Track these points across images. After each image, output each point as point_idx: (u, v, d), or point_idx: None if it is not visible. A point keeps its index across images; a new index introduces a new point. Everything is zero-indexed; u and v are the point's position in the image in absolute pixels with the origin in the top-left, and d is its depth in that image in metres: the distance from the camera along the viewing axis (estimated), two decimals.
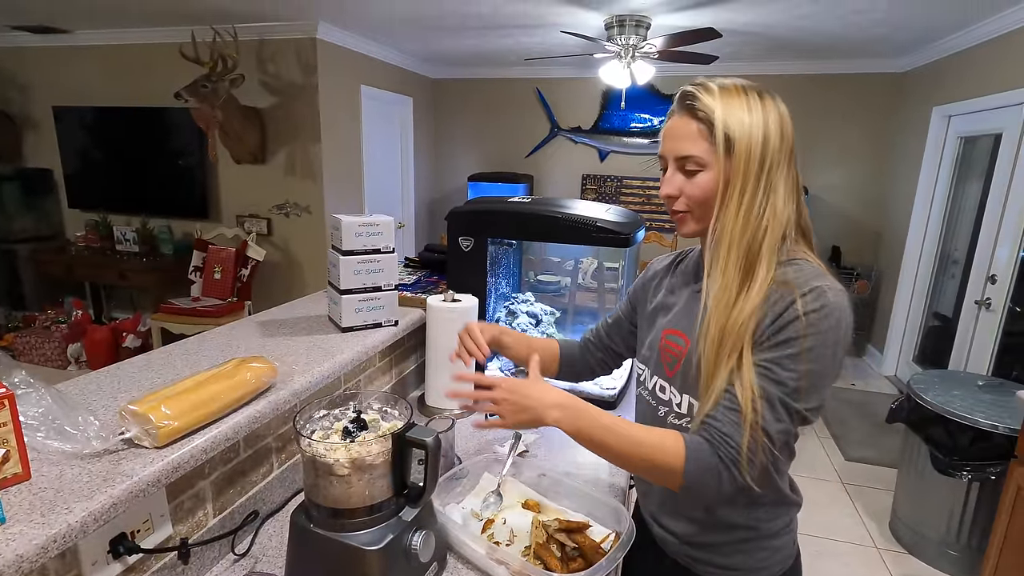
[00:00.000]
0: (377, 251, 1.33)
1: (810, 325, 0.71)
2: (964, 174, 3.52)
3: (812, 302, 0.72)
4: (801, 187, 0.81)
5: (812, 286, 0.73)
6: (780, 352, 0.73)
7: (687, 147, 0.79)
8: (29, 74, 4.35)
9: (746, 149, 0.75)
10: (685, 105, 0.79)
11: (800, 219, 0.81)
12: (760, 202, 0.76)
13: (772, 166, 0.76)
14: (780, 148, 0.76)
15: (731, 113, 0.76)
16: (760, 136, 0.75)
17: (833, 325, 0.72)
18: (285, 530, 0.97)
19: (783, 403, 0.72)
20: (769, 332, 0.74)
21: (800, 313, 0.72)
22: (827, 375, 0.74)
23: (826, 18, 3.10)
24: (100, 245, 4.27)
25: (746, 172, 0.75)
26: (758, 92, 0.78)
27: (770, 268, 0.75)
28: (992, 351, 2.85)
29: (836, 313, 0.72)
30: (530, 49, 4.16)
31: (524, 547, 0.93)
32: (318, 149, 3.80)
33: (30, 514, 0.65)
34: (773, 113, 0.77)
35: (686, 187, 0.80)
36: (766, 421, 0.72)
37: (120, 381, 0.99)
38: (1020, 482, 1.71)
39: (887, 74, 4.23)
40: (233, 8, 3.23)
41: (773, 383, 0.73)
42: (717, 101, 0.76)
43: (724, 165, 0.77)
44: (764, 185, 0.76)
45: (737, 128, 0.75)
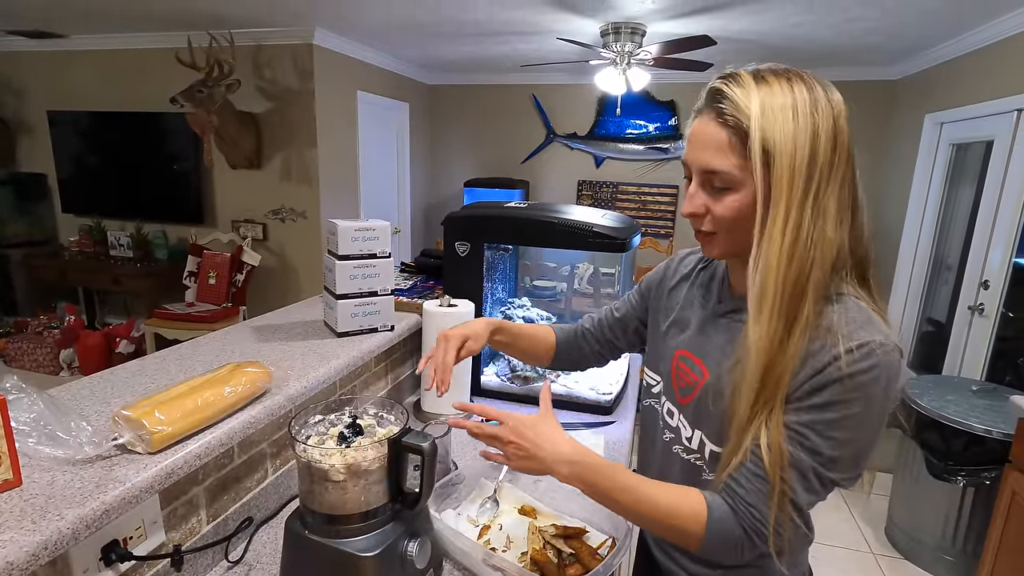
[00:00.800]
0: (373, 256, 1.33)
1: (855, 388, 0.60)
2: (956, 180, 3.55)
3: (860, 361, 0.60)
4: (860, 203, 0.66)
5: (861, 341, 0.61)
6: (817, 416, 0.62)
7: (714, 160, 0.65)
8: (24, 78, 4.33)
9: (790, 164, 0.61)
10: (714, 108, 0.65)
11: (856, 245, 0.66)
12: (807, 229, 0.61)
13: (823, 182, 0.62)
14: (834, 157, 0.62)
15: (771, 118, 0.61)
16: (807, 145, 0.61)
17: (882, 389, 0.61)
18: (279, 537, 0.96)
19: (816, 474, 0.63)
20: (806, 389, 0.63)
21: (845, 374, 0.60)
22: (871, 444, 0.63)
23: (819, 26, 3.13)
24: (94, 250, 4.25)
25: (790, 192, 0.61)
26: (805, 82, 0.63)
27: (815, 306, 0.63)
28: (985, 356, 2.86)
29: (887, 374, 0.61)
30: (526, 56, 4.18)
31: (521, 553, 0.92)
32: (314, 154, 3.80)
33: (21, 520, 0.64)
34: (826, 111, 0.62)
35: (714, 206, 0.67)
36: (796, 493, 0.63)
37: (113, 386, 0.98)
38: (1015, 487, 1.72)
39: (880, 81, 4.27)
40: (230, 14, 3.23)
41: (807, 451, 0.63)
42: (753, 101, 0.62)
43: (763, 183, 0.62)
44: (813, 207, 0.61)
45: (779, 138, 0.61)
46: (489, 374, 1.66)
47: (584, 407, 1.54)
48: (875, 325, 0.63)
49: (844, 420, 0.61)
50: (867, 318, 0.63)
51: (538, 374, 1.60)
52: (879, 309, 0.66)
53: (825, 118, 0.62)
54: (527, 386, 1.59)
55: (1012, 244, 2.75)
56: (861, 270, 0.68)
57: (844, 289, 0.66)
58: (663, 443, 0.83)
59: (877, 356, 0.60)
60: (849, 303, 0.65)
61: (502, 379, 1.62)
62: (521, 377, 1.60)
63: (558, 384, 1.61)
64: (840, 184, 0.63)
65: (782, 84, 0.63)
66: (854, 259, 0.67)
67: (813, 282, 0.62)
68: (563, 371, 1.47)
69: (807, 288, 0.62)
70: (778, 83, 0.63)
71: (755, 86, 0.63)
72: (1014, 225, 2.74)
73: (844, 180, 0.64)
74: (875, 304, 0.66)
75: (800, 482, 0.63)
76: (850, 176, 0.65)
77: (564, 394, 1.57)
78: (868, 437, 0.63)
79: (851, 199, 0.65)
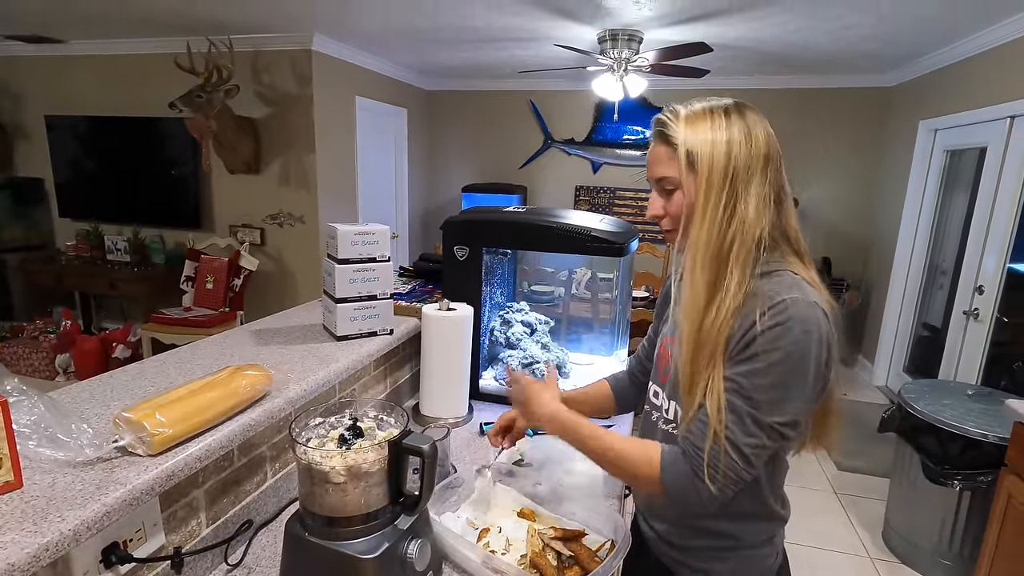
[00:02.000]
0: (373, 260, 1.33)
1: (774, 339, 0.72)
2: (951, 186, 3.58)
3: (775, 316, 0.73)
4: (785, 195, 0.82)
5: (777, 300, 0.73)
6: (747, 366, 0.74)
7: (661, 169, 0.83)
8: (22, 83, 4.33)
9: (708, 163, 0.77)
10: (657, 133, 0.84)
11: (784, 228, 0.82)
12: (725, 211, 0.77)
13: (738, 176, 0.77)
14: (748, 158, 0.77)
15: (694, 134, 0.79)
16: (723, 150, 0.77)
17: (797, 339, 0.72)
18: (279, 540, 0.96)
19: (752, 417, 0.73)
20: (739, 347, 0.75)
21: (765, 327, 0.73)
22: (796, 389, 0.73)
23: (815, 33, 3.16)
24: (91, 255, 4.24)
25: (708, 184, 0.77)
26: (726, 110, 0.80)
27: (743, 279, 0.76)
28: (981, 361, 2.88)
29: (800, 326, 0.72)
30: (524, 62, 4.21)
31: (520, 556, 0.92)
32: (312, 159, 3.81)
33: (22, 522, 0.64)
34: (739, 127, 0.79)
35: (668, 207, 0.84)
36: (733, 433, 0.74)
37: (113, 389, 0.98)
38: (1010, 490, 1.72)
39: (875, 88, 4.31)
40: (229, 19, 3.24)
41: (739, 396, 0.74)
42: (682, 125, 0.80)
43: (689, 181, 0.80)
44: (728, 195, 0.77)
45: (700, 146, 0.78)
46: (487, 378, 1.66)
47: None
48: (798, 288, 0.75)
49: (769, 368, 0.73)
50: (793, 283, 0.76)
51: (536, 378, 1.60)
52: (813, 281, 0.79)
53: (739, 131, 0.78)
54: None
55: (1006, 250, 2.78)
56: (795, 249, 0.82)
57: (781, 266, 0.79)
58: (651, 424, 0.95)
59: (790, 311, 0.72)
60: (784, 276, 0.78)
61: (500, 383, 1.63)
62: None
63: None
64: (760, 182, 0.78)
65: (706, 113, 0.80)
66: (787, 241, 0.82)
67: (735, 255, 0.76)
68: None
69: (728, 260, 0.77)
70: (703, 112, 0.80)
71: (684, 116, 0.81)
72: (1008, 231, 2.76)
73: (764, 176, 0.78)
74: (811, 278, 0.79)
75: (737, 424, 0.74)
76: (772, 176, 0.79)
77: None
78: (792, 383, 0.73)
79: (774, 193, 0.79)
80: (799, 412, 0.75)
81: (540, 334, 1.72)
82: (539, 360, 1.63)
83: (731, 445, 0.74)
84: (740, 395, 0.74)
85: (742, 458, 0.74)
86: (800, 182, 4.55)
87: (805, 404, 0.75)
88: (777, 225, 0.80)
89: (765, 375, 0.73)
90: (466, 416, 1.49)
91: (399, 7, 2.93)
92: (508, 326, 1.70)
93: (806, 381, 0.74)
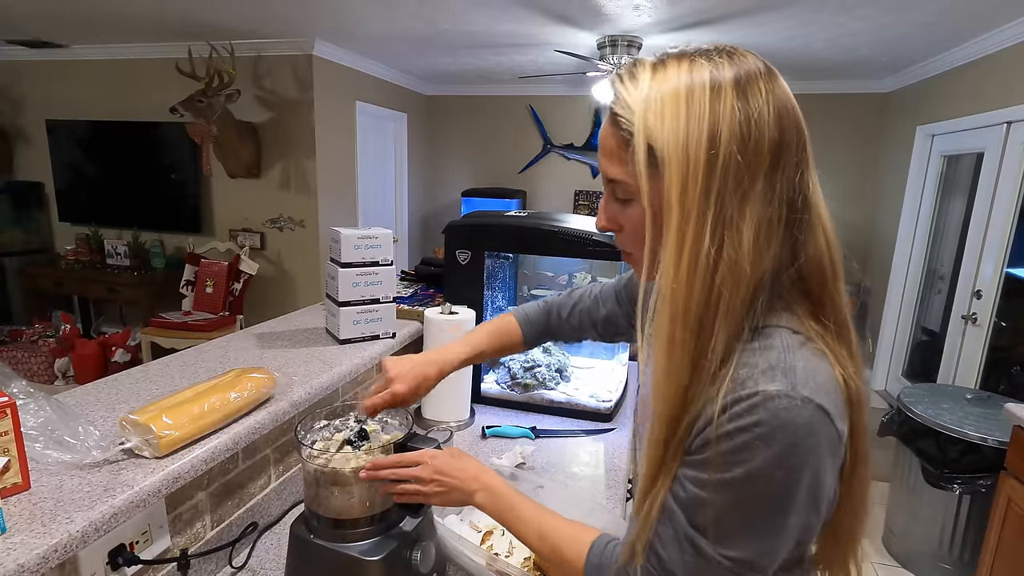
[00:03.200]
0: (376, 263, 1.34)
1: (731, 452, 0.47)
2: (948, 191, 3.60)
3: (739, 418, 0.47)
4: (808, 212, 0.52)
5: (744, 392, 0.48)
6: (695, 471, 0.51)
7: (610, 168, 0.56)
8: (22, 87, 4.34)
9: (681, 165, 0.48)
10: (609, 105, 0.55)
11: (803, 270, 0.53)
12: (712, 246, 0.48)
13: (729, 189, 0.48)
14: (750, 156, 0.48)
15: (658, 107, 0.49)
16: (704, 140, 0.48)
17: (775, 459, 0.46)
18: (283, 542, 0.96)
19: (688, 538, 0.51)
20: (695, 438, 0.51)
21: (722, 432, 0.48)
22: (764, 522, 0.49)
23: (814, 40, 3.18)
24: (90, 259, 4.24)
25: (683, 202, 0.48)
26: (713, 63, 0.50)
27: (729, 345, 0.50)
28: (979, 365, 2.89)
29: (781, 440, 0.46)
30: (523, 67, 4.23)
31: (524, 558, 0.93)
32: (313, 164, 3.82)
33: (31, 524, 0.65)
34: (732, 96, 0.48)
35: (622, 219, 0.58)
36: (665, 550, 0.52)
37: (119, 392, 0.99)
38: (1010, 494, 1.73)
39: (873, 94, 4.33)
40: (230, 25, 3.26)
41: (680, 505, 0.52)
42: (642, 89, 0.51)
43: (651, 193, 0.51)
44: (715, 220, 0.48)
45: (667, 132, 0.49)
46: (489, 382, 1.67)
47: (584, 414, 1.55)
48: (786, 370, 0.48)
49: (720, 487, 0.48)
50: (779, 361, 0.49)
51: (538, 381, 1.61)
52: (828, 348, 0.51)
53: (730, 112, 0.48)
54: (527, 393, 1.60)
55: (1003, 254, 2.79)
56: (819, 301, 0.53)
57: (775, 320, 0.52)
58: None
59: (763, 413, 0.46)
60: (774, 340, 0.51)
61: (502, 386, 1.63)
62: (521, 384, 1.61)
63: (558, 391, 1.62)
64: (765, 191, 0.49)
65: (680, 68, 0.50)
66: (805, 296, 0.53)
67: (723, 312, 0.49)
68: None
69: (715, 322, 0.49)
70: (676, 67, 0.50)
71: (649, 76, 0.51)
72: (1005, 236, 2.78)
73: (772, 186, 0.50)
74: (825, 341, 0.52)
75: (671, 541, 0.52)
76: (787, 181, 0.50)
77: (564, 401, 1.58)
78: (763, 514, 0.49)
79: (784, 211, 0.50)
80: (763, 554, 0.50)
81: None
82: (540, 364, 1.63)
83: (659, 564, 0.52)
84: (681, 504, 0.51)
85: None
86: None
87: (780, 545, 0.50)
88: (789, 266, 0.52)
89: (716, 492, 0.49)
90: (468, 419, 1.50)
91: (400, 13, 2.95)
92: None
93: (784, 514, 0.48)
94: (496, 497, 0.73)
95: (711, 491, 0.49)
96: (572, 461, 1.33)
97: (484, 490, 0.73)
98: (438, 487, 0.75)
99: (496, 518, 0.73)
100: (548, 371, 1.63)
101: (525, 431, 1.43)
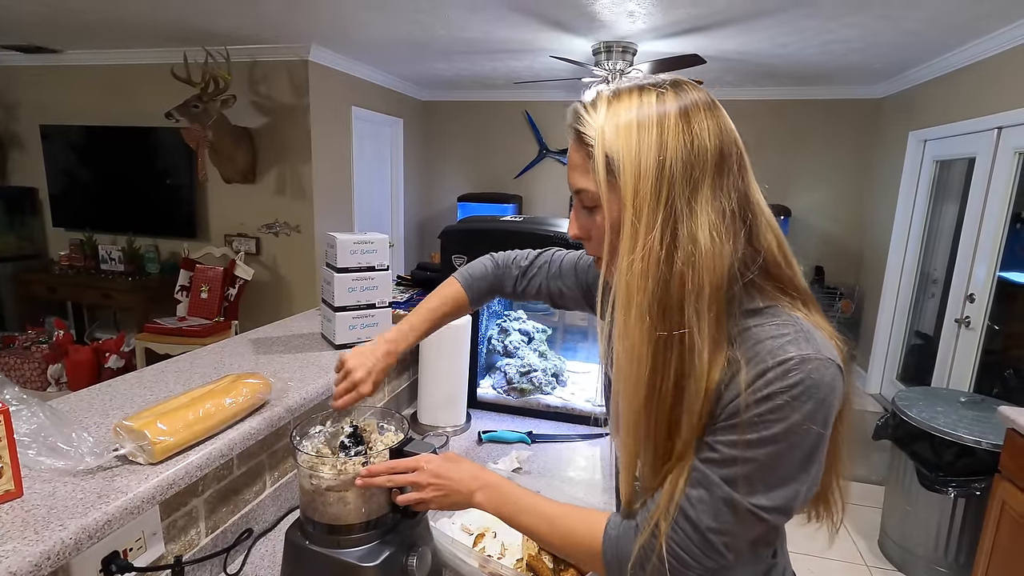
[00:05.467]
0: (372, 268, 1.34)
1: (774, 409, 0.54)
2: (941, 196, 3.62)
3: (783, 379, 0.54)
4: (755, 213, 0.61)
5: (785, 356, 0.55)
6: (729, 436, 0.57)
7: (579, 180, 0.64)
8: (16, 92, 4.33)
9: (633, 170, 0.57)
10: (573, 127, 0.64)
11: (764, 260, 0.61)
12: (663, 241, 0.56)
13: (677, 191, 0.56)
14: (691, 166, 0.57)
15: (614, 126, 0.59)
16: (652, 150, 0.57)
17: (810, 412, 0.54)
18: (278, 549, 0.96)
19: (725, 498, 0.56)
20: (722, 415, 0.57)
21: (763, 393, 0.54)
22: (794, 470, 0.56)
23: (806, 47, 3.21)
24: (84, 264, 4.22)
25: (635, 202, 0.57)
26: (659, 93, 0.59)
27: (719, 332, 0.57)
28: (973, 368, 2.91)
29: (816, 396, 0.54)
30: (519, 73, 4.25)
31: (516, 560, 0.93)
32: (309, 169, 3.82)
33: (23, 531, 0.64)
34: (675, 117, 0.58)
35: (590, 227, 0.66)
36: (697, 513, 0.57)
37: (112, 398, 0.98)
38: (1004, 497, 1.74)
39: (866, 100, 4.37)
40: (226, 30, 3.26)
41: (714, 467, 0.57)
42: (600, 117, 0.60)
43: (609, 198, 0.60)
44: (665, 219, 0.56)
45: (621, 144, 0.58)
46: (485, 387, 1.67)
47: (579, 419, 1.55)
48: (809, 339, 0.56)
49: (762, 441, 0.55)
50: (800, 331, 0.57)
51: (534, 386, 1.61)
52: (821, 325, 0.60)
53: (673, 131, 0.57)
54: (523, 398, 1.60)
55: (996, 258, 2.81)
56: (775, 279, 0.62)
57: (765, 302, 0.60)
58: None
59: (803, 373, 0.54)
60: (781, 315, 0.59)
61: (498, 391, 1.63)
62: (517, 389, 1.61)
63: (554, 396, 1.62)
64: (713, 193, 0.57)
65: (632, 99, 0.60)
66: (765, 268, 0.61)
67: (691, 300, 0.56)
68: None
69: (682, 307, 0.56)
70: (629, 99, 0.60)
71: (607, 105, 0.61)
72: (997, 240, 2.80)
73: (720, 189, 0.58)
74: (806, 312, 0.60)
75: (703, 503, 0.57)
76: (731, 185, 0.58)
77: (560, 406, 1.58)
78: (795, 462, 0.56)
79: (736, 209, 0.58)
80: (791, 499, 0.57)
81: (537, 342, 1.72)
82: (536, 368, 1.63)
83: (692, 528, 0.57)
84: (716, 465, 0.57)
85: (705, 545, 0.57)
86: (793, 192, 4.60)
87: (804, 489, 0.58)
88: (749, 254, 0.60)
89: (759, 447, 0.55)
90: (464, 424, 1.50)
91: (396, 19, 2.96)
92: (506, 335, 1.71)
93: (812, 462, 0.57)
94: (497, 493, 0.73)
95: (745, 449, 0.55)
96: (568, 466, 1.33)
97: (483, 488, 0.74)
98: (436, 491, 0.75)
99: (499, 515, 0.73)
100: (544, 376, 1.63)
101: (521, 436, 1.43)
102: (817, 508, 0.69)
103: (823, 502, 0.68)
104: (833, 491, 0.68)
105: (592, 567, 0.66)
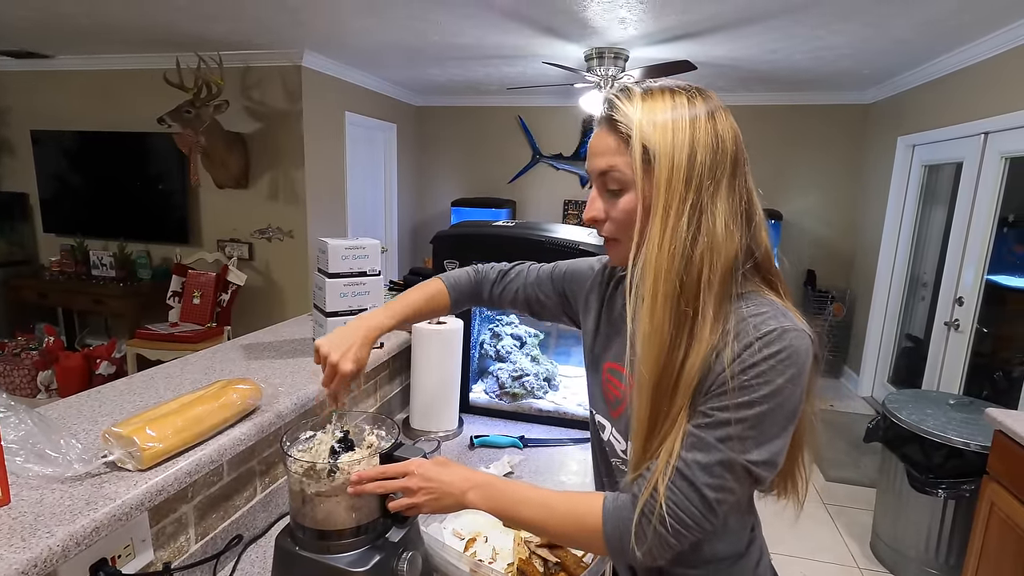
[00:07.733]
0: (363, 274, 1.34)
1: (762, 373, 0.61)
2: (929, 200, 3.66)
3: (769, 345, 0.62)
4: (755, 211, 0.69)
5: (768, 328, 0.62)
6: (723, 400, 0.63)
7: (607, 160, 0.69)
8: (7, 97, 4.31)
9: (668, 162, 0.64)
10: (606, 116, 0.69)
11: (755, 248, 0.68)
12: (690, 227, 0.63)
13: (703, 184, 0.64)
14: (715, 163, 0.64)
15: (651, 120, 0.65)
16: (686, 147, 0.64)
17: (791, 375, 0.62)
18: (268, 555, 0.96)
19: (721, 459, 0.62)
20: (713, 385, 0.63)
21: (750, 360, 0.61)
22: (779, 426, 0.63)
23: (795, 53, 3.24)
24: (75, 270, 4.19)
25: (669, 190, 0.64)
26: (689, 96, 0.66)
27: (720, 314, 0.64)
28: (962, 371, 2.93)
29: (796, 359, 0.62)
30: (512, 78, 4.27)
31: (507, 564, 0.93)
32: (301, 174, 3.82)
33: (10, 538, 0.64)
34: (704, 118, 0.65)
35: (611, 210, 0.71)
36: (693, 474, 0.62)
37: (102, 404, 0.98)
38: (992, 498, 1.75)
39: (854, 105, 4.42)
40: (219, 36, 3.26)
41: (709, 430, 0.63)
42: (637, 108, 0.66)
43: (644, 183, 0.66)
44: (692, 207, 0.64)
45: (658, 138, 0.64)
46: (478, 391, 1.67)
47: (571, 423, 1.56)
48: (786, 316, 0.64)
49: (753, 402, 0.61)
50: (778, 311, 0.65)
51: (526, 391, 1.61)
52: (787, 305, 0.67)
53: (703, 131, 0.64)
54: (515, 402, 1.60)
55: (984, 262, 2.84)
56: (763, 272, 0.70)
57: (753, 289, 0.68)
58: (603, 454, 0.84)
59: (785, 340, 0.62)
60: (763, 300, 0.66)
61: (490, 396, 1.63)
62: (509, 394, 1.61)
63: (546, 400, 1.63)
64: (729, 190, 0.65)
65: (665, 99, 0.66)
66: (757, 261, 0.69)
67: (707, 282, 0.63)
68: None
69: (699, 290, 0.63)
70: (662, 93, 0.67)
71: (641, 96, 0.67)
72: (985, 243, 2.83)
73: (733, 187, 0.66)
74: (784, 302, 0.68)
75: (699, 465, 0.62)
76: (741, 185, 0.67)
77: (552, 410, 1.59)
78: (780, 418, 0.63)
79: (744, 206, 0.67)
80: (777, 454, 0.64)
81: (530, 347, 1.73)
82: (528, 373, 1.64)
83: (690, 487, 0.62)
84: (710, 428, 0.63)
85: (703, 504, 0.62)
86: (784, 196, 4.63)
87: (786, 442, 0.65)
88: (748, 249, 0.67)
89: (748, 408, 0.61)
90: (456, 429, 1.50)
91: (389, 25, 2.97)
92: (498, 339, 1.71)
93: (792, 419, 0.64)
94: (490, 490, 0.74)
95: (736, 411, 0.62)
96: (561, 470, 1.33)
97: (475, 488, 0.74)
98: (427, 495, 0.76)
99: (495, 511, 0.73)
100: (536, 380, 1.63)
101: (513, 440, 1.43)
102: (784, 483, 0.75)
103: (789, 477, 0.75)
104: (799, 466, 0.74)
105: (594, 547, 0.68)
